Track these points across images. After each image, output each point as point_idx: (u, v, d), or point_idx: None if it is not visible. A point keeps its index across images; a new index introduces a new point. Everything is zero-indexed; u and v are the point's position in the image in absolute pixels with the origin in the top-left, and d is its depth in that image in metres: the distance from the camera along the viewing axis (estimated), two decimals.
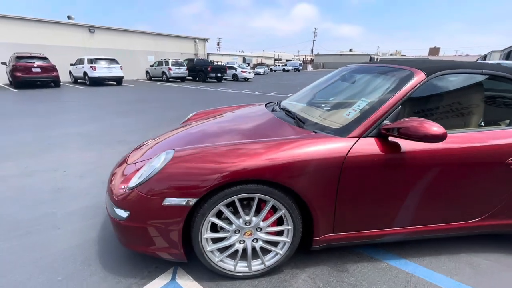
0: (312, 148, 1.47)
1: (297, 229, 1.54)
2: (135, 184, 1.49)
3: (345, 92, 2.17)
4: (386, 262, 1.76)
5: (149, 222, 1.44)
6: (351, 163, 1.47)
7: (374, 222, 1.64)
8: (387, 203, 1.60)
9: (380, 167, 1.51)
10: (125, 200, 1.48)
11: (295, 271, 1.68)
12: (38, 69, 12.42)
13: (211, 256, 1.54)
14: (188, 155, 1.48)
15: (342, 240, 1.64)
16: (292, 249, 1.60)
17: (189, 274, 1.65)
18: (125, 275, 1.64)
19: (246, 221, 1.51)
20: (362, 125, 1.54)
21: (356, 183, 1.51)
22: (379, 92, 1.72)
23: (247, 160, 1.40)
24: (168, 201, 1.40)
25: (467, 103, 1.81)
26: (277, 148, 1.46)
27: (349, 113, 1.69)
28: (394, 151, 1.52)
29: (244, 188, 1.41)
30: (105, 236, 2.00)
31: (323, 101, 2.23)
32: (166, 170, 1.43)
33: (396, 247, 1.90)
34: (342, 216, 1.57)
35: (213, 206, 1.42)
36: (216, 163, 1.40)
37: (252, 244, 1.57)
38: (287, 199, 1.47)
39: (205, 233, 1.49)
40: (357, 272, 1.67)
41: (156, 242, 1.49)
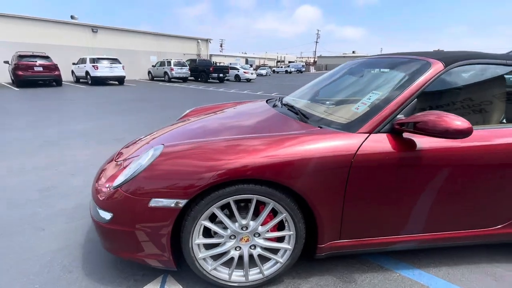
0: (317, 145, 1.31)
1: (299, 235, 1.38)
2: (119, 182, 1.34)
3: (352, 86, 2.01)
4: (398, 273, 1.58)
5: (134, 226, 1.28)
6: (361, 162, 1.31)
7: (385, 228, 1.47)
8: (400, 207, 1.43)
9: (393, 167, 1.34)
10: (109, 201, 1.33)
11: (297, 281, 1.52)
12: (40, 68, 12.39)
13: (204, 264, 1.38)
14: (178, 151, 1.32)
15: (350, 247, 1.48)
16: (294, 257, 1.43)
17: (179, 283, 1.49)
18: (109, 283, 1.48)
19: (242, 226, 1.35)
20: (373, 120, 1.38)
21: (366, 184, 1.35)
22: (392, 84, 1.55)
23: (244, 157, 1.25)
24: (154, 202, 1.24)
25: (488, 98, 1.64)
26: (279, 145, 1.30)
27: (358, 106, 1.53)
28: (409, 149, 1.35)
29: (240, 189, 1.25)
30: (91, 240, 1.85)
31: (328, 97, 2.07)
32: (153, 167, 1.27)
33: (409, 255, 1.73)
34: (350, 221, 1.40)
35: (206, 208, 1.27)
36: (210, 160, 1.25)
37: (249, 251, 1.41)
38: (289, 201, 1.31)
39: (197, 239, 1.33)
40: (366, 283, 1.50)
41: (143, 247, 1.33)
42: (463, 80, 1.61)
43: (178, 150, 1.32)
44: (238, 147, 1.29)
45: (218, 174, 1.22)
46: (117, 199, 1.30)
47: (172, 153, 1.31)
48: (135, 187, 1.27)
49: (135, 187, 1.27)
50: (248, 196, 1.28)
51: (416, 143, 1.36)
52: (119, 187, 1.32)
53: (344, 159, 1.30)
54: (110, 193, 1.35)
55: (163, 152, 1.31)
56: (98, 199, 1.39)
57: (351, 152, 1.31)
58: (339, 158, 1.30)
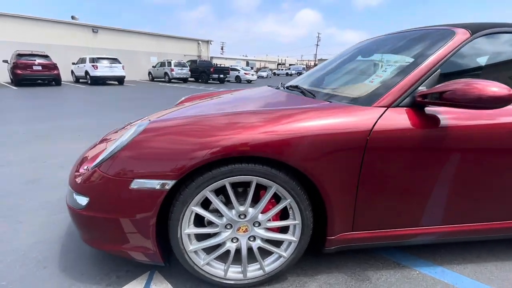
0: (327, 120, 1.13)
1: (306, 224, 1.19)
2: (97, 162, 1.16)
3: (364, 65, 1.81)
4: (418, 270, 1.39)
5: (113, 212, 1.10)
6: (377, 140, 1.13)
7: (404, 219, 1.28)
8: (421, 194, 1.24)
9: (414, 147, 1.16)
10: (85, 184, 1.15)
11: (303, 279, 1.33)
12: (39, 67, 12.26)
13: (195, 258, 1.19)
14: (165, 126, 1.14)
15: (363, 240, 1.29)
16: (299, 251, 1.24)
17: (168, 281, 1.30)
18: (87, 280, 1.29)
19: (240, 213, 1.16)
20: (391, 92, 1.20)
21: (383, 166, 1.16)
22: (411, 55, 1.37)
23: (242, 132, 1.07)
24: (137, 184, 1.06)
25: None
26: (282, 119, 1.12)
27: (372, 79, 1.35)
28: (432, 126, 1.17)
29: (238, 169, 1.07)
30: (73, 233, 1.66)
31: (336, 78, 1.88)
32: (136, 144, 1.09)
33: (428, 252, 1.53)
34: (365, 209, 1.22)
35: (197, 191, 1.08)
36: (202, 135, 1.07)
37: (248, 243, 1.22)
38: (294, 184, 1.13)
39: (187, 228, 1.14)
40: (382, 282, 1.31)
41: (124, 238, 1.15)
42: (491, 50, 1.43)
43: (164, 126, 1.14)
44: (236, 122, 1.11)
45: (212, 151, 1.04)
46: (94, 181, 1.12)
47: (158, 129, 1.13)
48: (115, 166, 1.09)
49: (114, 166, 1.09)
50: (247, 178, 1.10)
51: (440, 120, 1.18)
52: (97, 166, 1.14)
53: (358, 137, 1.12)
54: (87, 174, 1.17)
55: (148, 128, 1.13)
56: (74, 183, 1.21)
57: (366, 129, 1.13)
58: (353, 135, 1.12)
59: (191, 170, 1.05)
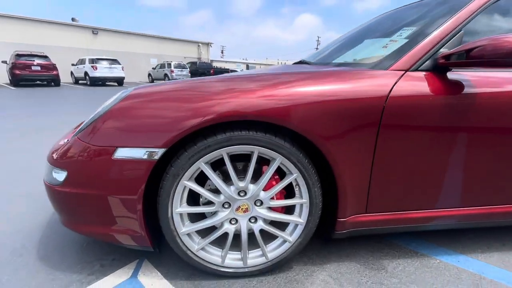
0: (339, 85, 0.99)
1: (314, 203, 1.05)
2: (77, 131, 1.03)
3: (377, 34, 1.65)
4: (438, 259, 1.24)
5: (94, 186, 0.96)
6: (395, 107, 0.99)
7: (422, 199, 1.14)
8: (442, 171, 1.10)
9: (436, 115, 1.02)
10: (63, 156, 1.01)
11: (310, 268, 1.18)
12: (38, 67, 12.17)
13: (188, 242, 1.05)
14: (152, 92, 0.99)
15: (378, 224, 1.14)
16: (306, 235, 1.10)
17: (157, 270, 1.15)
18: (67, 268, 1.15)
19: (240, 190, 1.02)
20: (410, 54, 1.07)
21: (402, 137, 1.03)
22: (430, 15, 1.23)
23: (241, 95, 0.93)
24: (120, 153, 0.92)
25: None
26: (287, 82, 0.99)
27: (387, 44, 1.22)
28: (456, 92, 1.03)
29: (236, 137, 0.93)
30: (54, 221, 1.52)
31: (345, 54, 1.72)
32: (118, 110, 0.96)
33: (447, 240, 1.39)
34: (380, 186, 1.07)
35: (190, 163, 0.94)
36: (194, 100, 0.93)
37: (249, 225, 1.08)
38: (301, 156, 0.99)
39: (179, 206, 1.00)
40: (399, 271, 1.16)
41: (107, 218, 1.00)
42: None
43: (151, 91, 0.99)
44: (233, 87, 0.98)
45: (206, 115, 0.90)
46: (73, 151, 0.98)
47: (144, 94, 0.99)
48: (95, 134, 0.95)
49: (95, 134, 0.95)
50: (247, 148, 0.96)
51: (465, 86, 1.05)
52: (76, 135, 1.00)
53: (374, 103, 0.99)
54: (65, 146, 1.03)
55: (132, 94, 0.99)
56: (51, 158, 1.07)
57: (383, 94, 0.99)
58: (367, 101, 0.98)
59: (183, 137, 0.91)
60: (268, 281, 1.10)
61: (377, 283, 1.09)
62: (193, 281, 1.10)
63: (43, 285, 1.06)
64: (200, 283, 1.08)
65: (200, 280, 1.10)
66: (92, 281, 1.09)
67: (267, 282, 1.09)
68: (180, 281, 1.09)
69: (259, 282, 1.09)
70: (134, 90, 1.02)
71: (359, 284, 1.09)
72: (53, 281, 1.08)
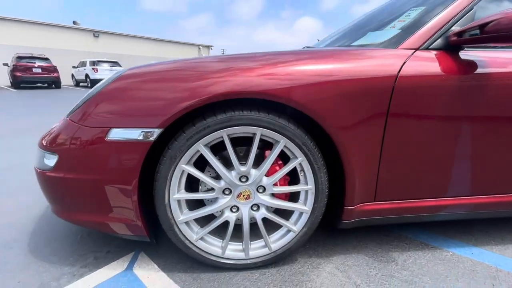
0: (344, 64, 0.94)
1: (320, 189, 0.99)
2: (68, 112, 0.97)
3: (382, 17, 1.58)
4: (451, 251, 1.18)
5: (86, 171, 0.90)
6: (405, 87, 0.94)
7: (433, 186, 1.08)
8: (455, 155, 1.04)
9: (448, 96, 0.97)
10: (54, 139, 0.95)
11: (316, 260, 1.11)
12: (38, 69, 12.18)
13: (186, 231, 0.99)
14: (147, 72, 0.93)
15: (387, 212, 1.08)
16: (312, 224, 1.03)
17: (154, 262, 1.09)
18: (58, 261, 1.09)
19: (241, 175, 0.96)
20: (419, 32, 1.01)
21: (413, 119, 0.97)
22: None
23: (241, 73, 0.88)
24: (114, 134, 0.87)
25: None
26: (292, 61, 0.93)
27: (394, 25, 1.17)
28: (469, 72, 0.98)
29: (237, 117, 0.88)
30: (50, 215, 1.46)
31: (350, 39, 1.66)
32: (112, 88, 0.90)
33: (459, 232, 1.32)
34: (390, 172, 1.01)
35: (188, 144, 0.88)
36: (192, 79, 0.88)
37: (251, 213, 1.02)
38: (306, 138, 0.93)
39: (177, 192, 0.94)
40: (410, 264, 1.09)
41: (100, 205, 0.94)
42: None
43: (146, 71, 0.93)
44: (233, 65, 0.92)
45: (205, 92, 0.85)
46: (64, 133, 0.92)
47: (138, 74, 0.93)
48: (88, 114, 0.89)
49: (87, 114, 0.90)
50: (249, 130, 0.90)
51: (478, 65, 0.99)
52: (67, 116, 0.95)
53: (383, 83, 0.93)
54: (56, 129, 0.97)
55: (125, 74, 0.94)
56: (42, 143, 1.01)
57: (392, 73, 0.94)
58: (376, 81, 0.93)
59: (181, 116, 0.85)
60: (271, 274, 1.03)
61: (387, 276, 1.02)
62: (191, 273, 1.03)
63: (32, 277, 1.00)
64: (199, 276, 1.02)
65: (199, 273, 1.03)
66: (85, 273, 1.02)
67: (270, 274, 1.03)
68: (178, 274, 1.03)
69: (261, 275, 1.03)
70: (128, 70, 0.97)
71: (368, 276, 1.02)
72: (43, 274, 1.02)
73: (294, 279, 1.00)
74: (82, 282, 0.98)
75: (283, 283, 0.98)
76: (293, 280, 1.00)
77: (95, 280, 0.99)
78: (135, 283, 0.98)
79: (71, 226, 1.34)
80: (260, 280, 1.00)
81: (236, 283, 0.99)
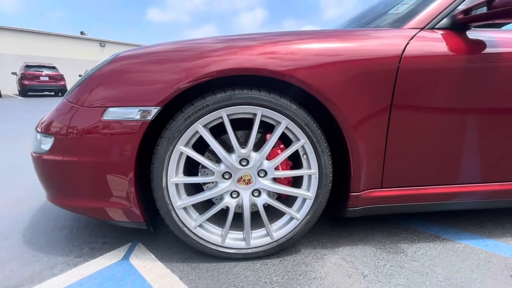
0: (347, 43, 0.91)
1: (324, 173, 0.94)
2: (65, 94, 0.96)
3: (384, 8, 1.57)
4: (463, 243, 1.11)
5: (82, 152, 0.87)
6: (410, 67, 0.90)
7: (442, 172, 1.03)
8: (463, 140, 1.00)
9: (455, 76, 0.93)
10: (50, 122, 0.93)
11: (320, 251, 1.06)
12: (46, 78, 12.43)
13: (184, 218, 0.95)
14: (144, 53, 0.90)
15: (395, 200, 1.03)
16: (315, 211, 0.99)
17: (151, 253, 1.04)
18: (52, 251, 1.05)
19: (241, 157, 0.92)
20: (425, 12, 0.99)
21: (419, 100, 0.93)
22: None
23: (241, 51, 0.85)
24: (111, 114, 0.84)
25: None
26: (293, 39, 0.91)
27: (398, 7, 1.14)
28: (477, 51, 0.94)
29: (237, 96, 0.85)
30: (46, 206, 1.43)
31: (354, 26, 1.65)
32: (106, 68, 0.88)
33: (471, 224, 1.26)
34: (397, 157, 0.97)
35: (187, 124, 0.86)
36: (191, 58, 0.85)
37: (252, 199, 0.98)
38: (309, 119, 0.89)
39: (175, 175, 0.91)
40: (421, 255, 1.03)
41: (96, 189, 0.91)
42: None
43: (141, 52, 0.91)
44: (233, 44, 0.90)
45: (203, 70, 0.82)
46: (60, 115, 0.90)
47: (134, 55, 0.90)
48: (84, 94, 0.87)
49: (84, 94, 0.88)
50: (250, 110, 0.87)
51: (487, 45, 0.96)
52: (64, 98, 0.93)
53: (387, 63, 0.90)
54: (53, 111, 0.95)
55: (121, 55, 0.91)
56: (38, 127, 0.99)
57: (396, 53, 0.91)
58: (381, 61, 0.90)
59: (179, 93, 0.83)
60: (273, 264, 0.98)
61: (396, 266, 0.97)
62: (190, 263, 0.99)
63: (24, 267, 0.96)
64: (197, 265, 0.97)
65: (198, 263, 0.99)
66: (80, 263, 0.98)
67: (273, 264, 0.98)
68: (175, 264, 0.98)
69: (263, 265, 0.98)
70: (124, 52, 0.95)
71: (376, 267, 0.96)
72: (36, 263, 0.98)
73: (297, 269, 0.95)
74: (76, 270, 0.94)
75: (286, 273, 0.93)
76: (296, 270, 0.95)
77: (90, 269, 0.95)
78: (130, 272, 0.93)
79: (67, 218, 1.31)
80: (261, 270, 0.95)
81: (236, 272, 0.94)
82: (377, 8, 1.41)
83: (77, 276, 0.91)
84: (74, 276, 0.91)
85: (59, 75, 12.92)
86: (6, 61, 15.09)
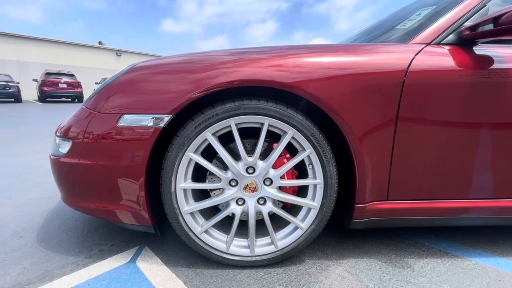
0: (354, 57, 0.93)
1: (329, 184, 0.95)
2: (84, 101, 1.01)
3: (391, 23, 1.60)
4: (473, 260, 1.09)
5: (97, 156, 0.92)
6: (416, 81, 0.92)
7: (450, 186, 1.02)
8: (473, 152, 0.99)
9: (462, 91, 0.94)
10: (69, 126, 0.99)
11: (325, 262, 1.05)
12: (64, 84, 12.97)
13: (191, 223, 0.97)
14: (158, 64, 0.96)
15: (400, 213, 1.02)
16: (320, 221, 0.99)
17: (158, 256, 1.07)
18: (64, 251, 1.09)
19: (248, 165, 0.95)
20: (431, 28, 1.01)
21: (425, 114, 0.94)
22: None
23: (251, 63, 0.89)
24: (126, 120, 0.89)
25: None
26: (301, 53, 0.94)
27: (404, 23, 1.17)
28: (484, 67, 0.95)
29: (245, 106, 0.88)
30: (58, 208, 1.49)
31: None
32: (123, 78, 0.94)
33: (481, 242, 1.22)
34: (403, 169, 0.97)
35: (196, 132, 0.89)
36: (202, 69, 0.90)
37: (257, 207, 0.99)
38: (315, 130, 0.92)
39: (183, 181, 0.94)
40: (428, 271, 1.01)
41: (108, 191, 0.95)
42: None
43: (157, 64, 0.96)
44: (243, 57, 0.94)
45: (214, 80, 0.86)
46: (78, 120, 0.96)
47: (150, 66, 0.95)
48: (102, 101, 0.93)
49: (101, 101, 0.93)
50: (257, 119, 0.90)
51: (494, 60, 0.96)
52: (83, 104, 0.99)
53: (393, 77, 0.92)
54: (72, 116, 1.01)
55: (138, 66, 0.97)
56: (58, 131, 1.05)
57: (402, 68, 0.93)
58: (387, 75, 0.91)
59: (190, 102, 0.87)
60: (277, 273, 0.98)
61: (402, 281, 0.95)
62: (194, 268, 1.00)
63: (36, 265, 1.00)
64: (202, 271, 0.98)
65: (203, 269, 1.00)
66: (89, 263, 1.02)
67: (276, 274, 0.98)
68: (180, 268, 1.00)
69: (267, 274, 0.98)
70: (140, 63, 1.01)
71: (382, 281, 0.95)
72: (48, 262, 1.02)
73: (301, 280, 0.95)
74: (85, 271, 0.97)
75: (289, 283, 0.93)
76: (300, 280, 0.95)
77: (98, 270, 0.98)
78: (137, 275, 0.95)
79: (78, 220, 1.35)
80: (265, 278, 0.95)
81: (240, 280, 0.94)
82: (386, 23, 1.44)
83: (86, 276, 0.94)
84: (83, 276, 0.94)
85: (76, 82, 13.46)
86: (29, 69, 15.88)
